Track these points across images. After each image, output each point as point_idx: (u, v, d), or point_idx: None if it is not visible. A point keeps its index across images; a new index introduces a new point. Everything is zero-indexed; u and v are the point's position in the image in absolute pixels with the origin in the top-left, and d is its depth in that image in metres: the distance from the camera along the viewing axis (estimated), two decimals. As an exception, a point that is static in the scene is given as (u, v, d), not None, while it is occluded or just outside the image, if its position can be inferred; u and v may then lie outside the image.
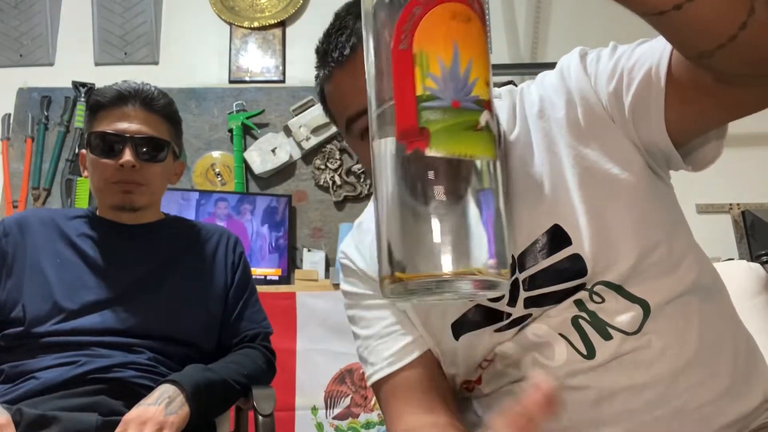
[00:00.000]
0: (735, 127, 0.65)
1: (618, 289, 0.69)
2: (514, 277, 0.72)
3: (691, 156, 0.69)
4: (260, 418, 1.14)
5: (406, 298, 0.37)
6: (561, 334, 0.70)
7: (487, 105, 0.37)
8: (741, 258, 2.41)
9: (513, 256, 0.72)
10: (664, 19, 0.48)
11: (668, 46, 0.62)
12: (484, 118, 0.36)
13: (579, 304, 0.69)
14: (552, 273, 0.70)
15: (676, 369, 0.68)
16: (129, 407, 1.02)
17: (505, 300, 0.72)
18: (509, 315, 0.73)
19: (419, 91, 0.36)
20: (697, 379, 0.68)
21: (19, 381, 1.08)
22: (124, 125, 1.20)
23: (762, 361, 0.77)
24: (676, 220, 0.74)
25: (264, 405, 1.15)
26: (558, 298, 0.70)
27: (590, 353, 0.69)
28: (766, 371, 0.76)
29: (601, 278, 0.68)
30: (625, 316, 0.68)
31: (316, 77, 0.75)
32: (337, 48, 0.69)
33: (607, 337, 0.69)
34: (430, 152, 0.35)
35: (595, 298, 0.69)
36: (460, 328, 0.76)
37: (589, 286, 0.69)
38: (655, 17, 0.49)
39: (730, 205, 2.68)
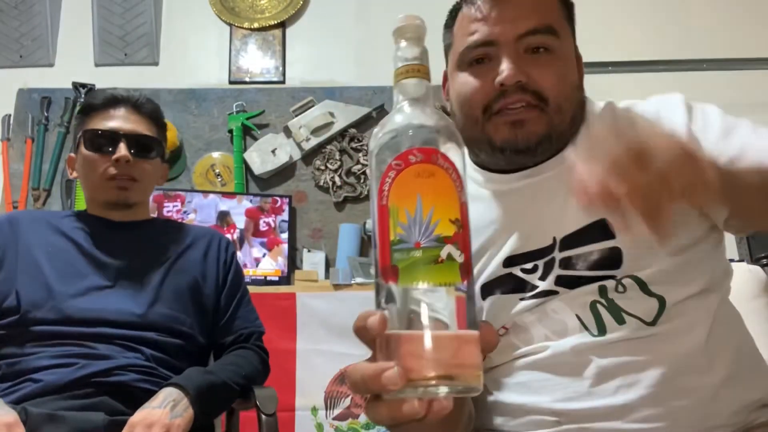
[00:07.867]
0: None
1: (642, 284, 0.73)
2: (550, 257, 0.77)
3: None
4: (263, 417, 1.15)
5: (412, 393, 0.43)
6: (577, 315, 0.75)
7: (449, 239, 0.44)
8: (741, 260, 2.41)
9: (554, 237, 0.77)
10: None
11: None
12: (445, 251, 0.44)
13: (602, 290, 0.74)
14: (588, 259, 0.75)
15: (678, 353, 0.71)
16: (131, 410, 1.02)
17: (538, 273, 0.77)
18: (535, 287, 0.77)
19: (392, 237, 0.45)
20: (698, 368, 0.71)
21: (18, 381, 1.08)
22: (117, 123, 1.25)
23: (762, 362, 0.80)
24: (702, 226, 0.78)
25: (267, 405, 1.16)
26: (586, 282, 0.75)
27: (600, 333, 0.74)
28: (765, 371, 0.78)
29: (632, 273, 0.73)
30: (642, 306, 0.73)
31: None
32: None
33: (621, 321, 0.73)
34: (400, 285, 0.44)
35: (619, 288, 0.74)
36: (489, 289, 0.80)
37: (618, 277, 0.74)
38: None
39: (730, 206, 2.67)
